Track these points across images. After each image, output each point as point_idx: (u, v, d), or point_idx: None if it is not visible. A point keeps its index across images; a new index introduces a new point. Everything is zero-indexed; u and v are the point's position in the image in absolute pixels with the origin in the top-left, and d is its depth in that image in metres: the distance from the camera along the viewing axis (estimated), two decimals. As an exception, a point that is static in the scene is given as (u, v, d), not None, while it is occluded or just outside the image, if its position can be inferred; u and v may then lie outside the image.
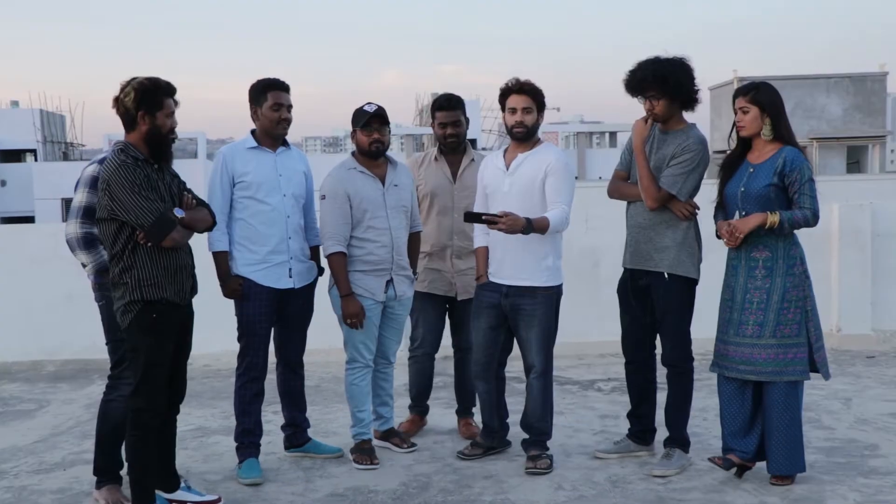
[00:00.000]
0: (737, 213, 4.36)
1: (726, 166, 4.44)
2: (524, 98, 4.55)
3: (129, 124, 3.90)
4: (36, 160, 38.31)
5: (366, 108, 4.75)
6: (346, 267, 4.69)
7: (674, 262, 4.51)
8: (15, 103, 43.75)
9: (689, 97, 4.50)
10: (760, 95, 4.29)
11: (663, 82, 4.41)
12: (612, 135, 47.16)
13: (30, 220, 29.18)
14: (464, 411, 5.35)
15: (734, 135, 4.42)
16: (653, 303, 4.62)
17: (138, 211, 3.78)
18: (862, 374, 6.79)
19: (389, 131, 4.91)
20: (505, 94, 4.61)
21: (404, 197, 4.86)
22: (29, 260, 7.36)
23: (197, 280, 4.20)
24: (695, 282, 4.59)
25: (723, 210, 4.46)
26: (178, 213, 3.93)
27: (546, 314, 4.60)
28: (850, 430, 5.28)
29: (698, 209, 4.57)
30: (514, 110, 4.57)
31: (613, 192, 4.77)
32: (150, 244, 3.85)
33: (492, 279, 4.69)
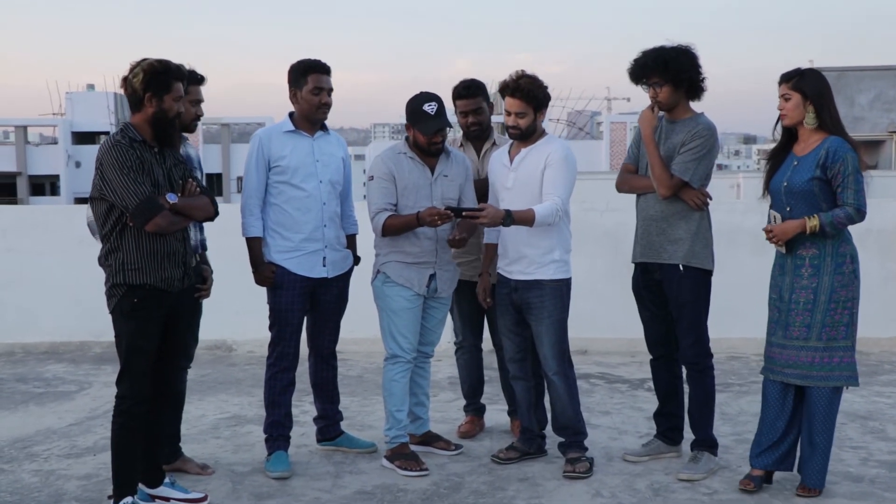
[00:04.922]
0: (787, 208, 4.11)
1: (772, 158, 4.22)
2: (517, 102, 4.38)
3: (135, 105, 3.84)
4: (109, 142, 39.08)
5: (426, 108, 4.44)
6: (398, 227, 4.44)
7: (688, 254, 4.35)
8: (91, 87, 44.83)
9: (693, 85, 4.35)
10: (803, 82, 4.04)
11: (664, 68, 4.29)
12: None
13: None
14: (515, 412, 5.04)
15: (779, 125, 4.18)
16: (667, 297, 4.44)
17: (123, 192, 3.70)
18: (933, 381, 6.40)
19: (450, 125, 4.65)
20: (501, 92, 4.46)
21: (452, 189, 4.59)
22: (77, 241, 7.33)
23: (196, 267, 4.15)
24: (710, 273, 4.42)
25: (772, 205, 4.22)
26: (171, 198, 3.83)
27: (555, 307, 4.44)
28: (916, 443, 4.94)
29: (710, 199, 4.41)
30: (508, 113, 4.43)
31: (622, 185, 4.63)
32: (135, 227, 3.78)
33: (501, 273, 4.58)
